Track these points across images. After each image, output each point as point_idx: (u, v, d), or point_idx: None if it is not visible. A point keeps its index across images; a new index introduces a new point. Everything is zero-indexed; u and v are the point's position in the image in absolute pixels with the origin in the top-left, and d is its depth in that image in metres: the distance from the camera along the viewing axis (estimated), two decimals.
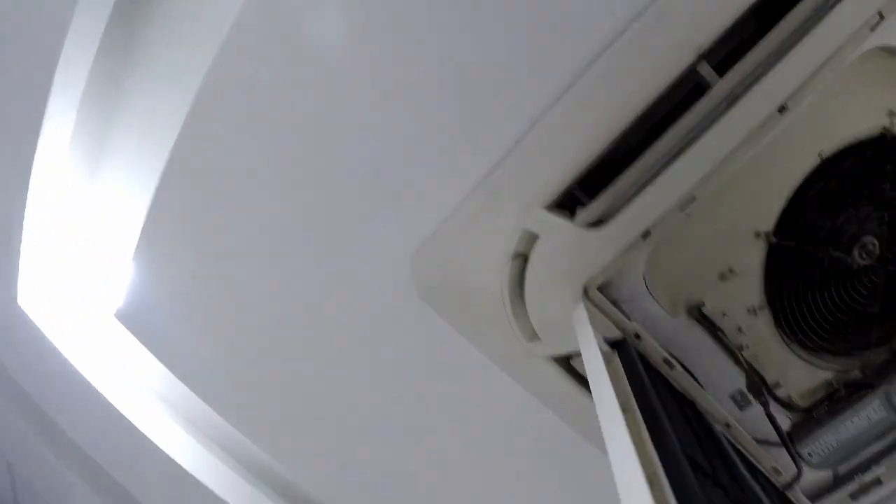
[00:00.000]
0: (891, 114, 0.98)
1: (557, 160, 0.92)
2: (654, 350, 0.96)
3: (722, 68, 0.90)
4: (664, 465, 0.63)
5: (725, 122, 0.88)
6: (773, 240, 0.99)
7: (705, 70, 0.90)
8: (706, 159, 0.88)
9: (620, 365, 0.85)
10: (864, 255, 1.03)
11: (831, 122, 0.97)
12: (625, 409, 0.71)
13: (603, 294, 0.96)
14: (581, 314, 0.93)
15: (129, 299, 1.18)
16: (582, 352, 0.87)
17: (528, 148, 0.93)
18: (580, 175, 0.91)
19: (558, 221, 0.91)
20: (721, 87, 0.88)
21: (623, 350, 0.90)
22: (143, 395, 1.29)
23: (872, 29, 0.90)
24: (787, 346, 1.05)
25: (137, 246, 1.10)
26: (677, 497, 0.58)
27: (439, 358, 1.07)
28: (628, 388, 0.79)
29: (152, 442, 1.23)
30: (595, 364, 0.80)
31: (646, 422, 0.71)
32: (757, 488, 0.85)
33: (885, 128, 0.98)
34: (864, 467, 1.16)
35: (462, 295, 1.00)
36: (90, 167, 1.18)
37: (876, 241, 1.03)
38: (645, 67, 0.89)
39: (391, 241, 1.04)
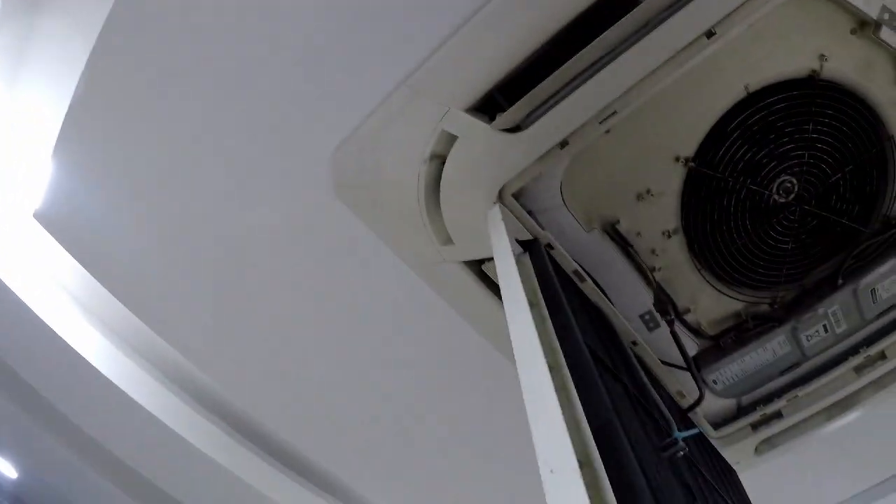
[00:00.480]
0: (821, 57, 0.97)
1: (479, 63, 0.92)
2: (565, 261, 0.99)
3: None
4: (566, 354, 0.66)
5: (650, 40, 0.87)
6: (693, 165, 1.00)
7: None
8: (627, 75, 0.88)
9: (531, 265, 0.88)
10: (782, 193, 1.04)
11: (761, 57, 0.97)
12: (532, 304, 0.73)
13: (519, 202, 0.98)
14: (495, 218, 0.95)
15: (48, 198, 1.17)
16: (494, 253, 0.89)
17: (451, 49, 0.92)
18: (501, 80, 0.91)
19: (476, 123, 0.92)
20: (650, 3, 0.88)
21: (535, 252, 0.92)
22: (58, 295, 1.30)
23: None
24: (699, 272, 1.07)
25: (56, 143, 1.09)
26: (577, 384, 0.61)
27: (354, 257, 1.10)
28: (536, 285, 0.81)
29: (64, 341, 1.25)
30: (506, 263, 0.82)
31: (551, 317, 0.74)
32: (658, 399, 0.89)
33: (813, 70, 0.98)
34: (767, 400, 1.21)
35: (379, 195, 1.01)
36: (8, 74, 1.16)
37: (794, 180, 1.04)
38: None
39: (314, 139, 1.04)
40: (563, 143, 0.92)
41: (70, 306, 1.32)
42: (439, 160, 0.97)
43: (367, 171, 1.01)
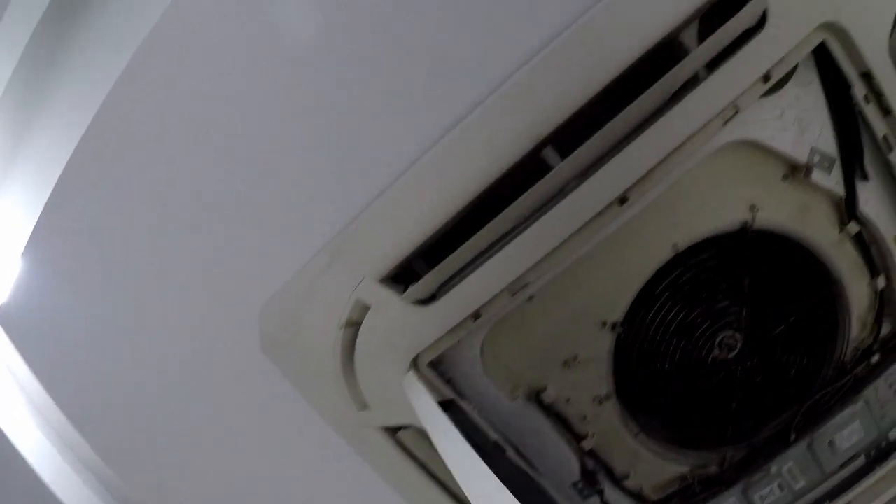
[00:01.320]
0: (752, 208, 0.94)
1: (395, 232, 0.90)
2: (486, 432, 0.94)
3: (567, 152, 0.87)
4: None
5: (560, 210, 0.85)
6: (621, 331, 0.95)
7: (549, 153, 0.87)
8: (537, 246, 0.86)
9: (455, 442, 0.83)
10: (723, 349, 0.99)
11: (689, 214, 0.94)
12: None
13: (437, 370, 0.94)
14: (410, 389, 0.91)
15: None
16: (419, 424, 0.86)
17: (369, 217, 0.91)
18: (415, 250, 0.89)
19: (387, 295, 0.89)
20: (560, 172, 0.86)
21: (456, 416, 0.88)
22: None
23: (726, 122, 0.88)
24: (636, 437, 1.01)
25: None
26: None
27: (282, 412, 1.06)
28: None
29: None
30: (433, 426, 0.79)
31: None
32: None
33: (745, 222, 0.94)
34: None
35: (302, 355, 0.98)
36: None
37: (736, 335, 1.00)
38: (488, 148, 0.87)
39: (247, 292, 1.03)
40: (476, 315, 0.89)
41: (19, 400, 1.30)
42: (355, 327, 0.93)
43: (290, 330, 0.99)
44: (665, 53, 0.87)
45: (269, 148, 0.92)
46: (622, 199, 0.86)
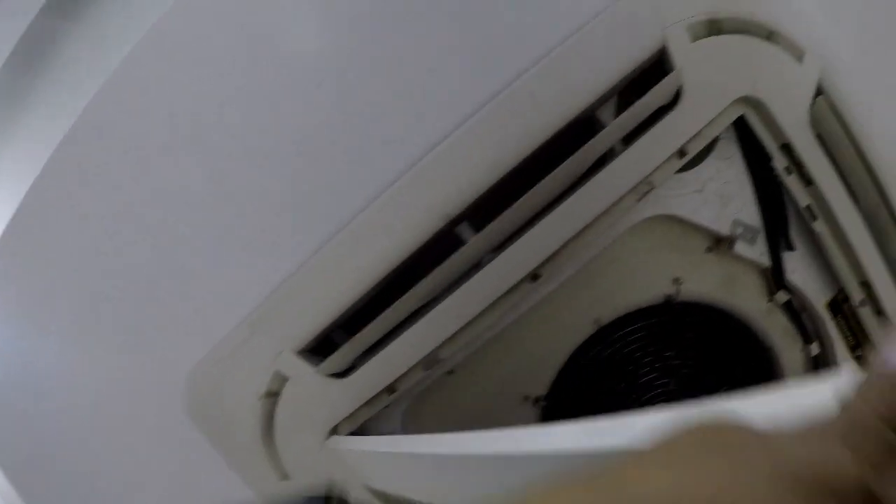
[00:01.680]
0: (676, 281, 0.93)
1: (312, 305, 0.90)
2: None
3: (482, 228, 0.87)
4: None
5: (471, 286, 0.85)
6: (544, 404, 0.94)
7: (463, 228, 0.88)
8: (448, 322, 0.86)
9: None
10: None
11: (610, 290, 0.93)
12: None
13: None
14: (329, 461, 0.91)
15: None
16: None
17: (286, 290, 0.91)
18: (331, 323, 0.90)
19: (304, 367, 0.89)
20: (473, 248, 0.86)
21: None
22: None
23: (641, 198, 0.87)
24: None
25: None
26: None
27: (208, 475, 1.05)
28: None
29: None
30: None
31: None
32: None
33: (668, 295, 0.94)
34: None
35: (225, 422, 0.98)
36: None
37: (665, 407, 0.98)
38: (402, 225, 0.87)
39: (175, 357, 1.03)
40: (391, 389, 0.89)
41: None
42: (275, 398, 0.93)
43: (215, 397, 0.98)
44: (583, 129, 0.87)
45: (193, 224, 0.94)
46: (535, 276, 0.86)
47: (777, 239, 0.94)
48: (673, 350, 0.95)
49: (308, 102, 0.84)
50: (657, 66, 0.85)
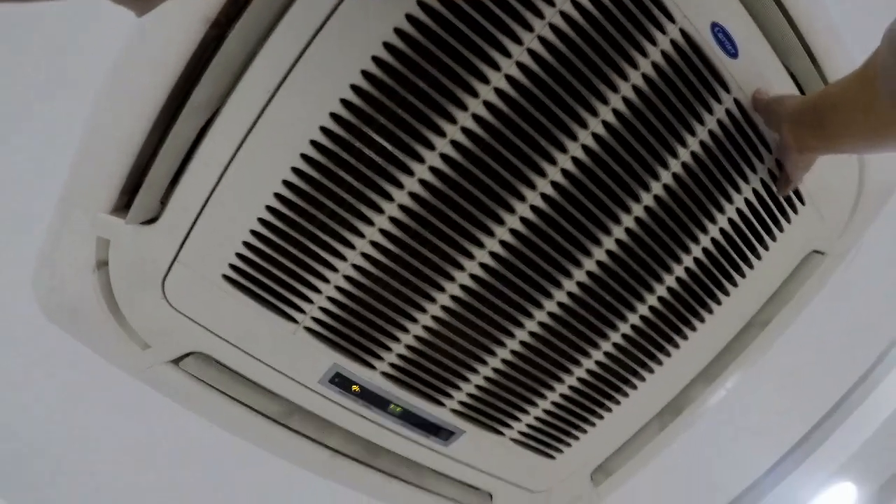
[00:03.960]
0: None
1: (106, 159, 0.86)
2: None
3: None
4: None
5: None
6: None
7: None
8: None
9: None
10: None
11: None
12: None
13: None
14: (172, 317, 0.88)
15: None
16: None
17: (80, 153, 0.88)
18: (129, 170, 0.86)
19: (116, 223, 0.86)
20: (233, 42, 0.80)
21: None
22: None
23: None
24: None
25: None
26: None
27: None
28: None
29: None
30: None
31: None
32: None
33: None
34: None
35: (75, 310, 0.96)
36: None
37: None
38: (161, 43, 0.82)
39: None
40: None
41: None
42: (106, 267, 0.90)
43: (58, 288, 0.96)
44: None
45: None
46: None
47: None
48: None
49: None
50: None
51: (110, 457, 1.16)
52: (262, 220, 0.82)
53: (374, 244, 0.82)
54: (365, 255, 0.83)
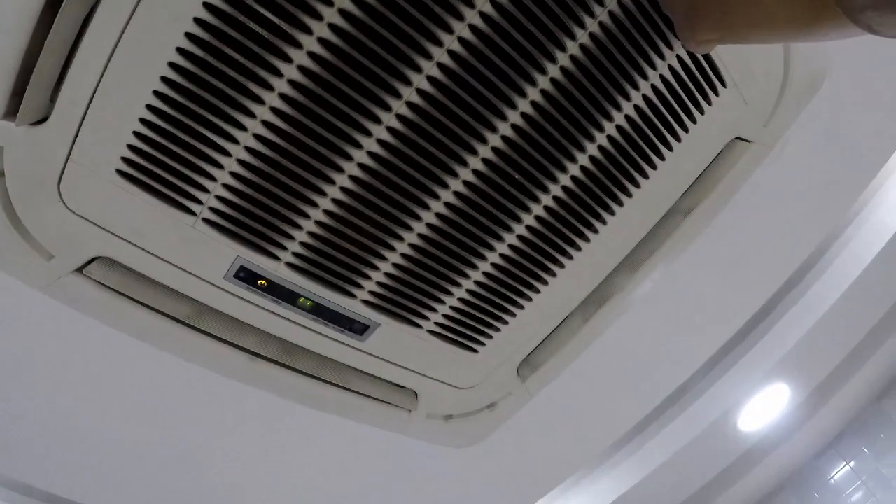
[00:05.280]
0: None
1: None
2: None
3: None
4: None
5: None
6: None
7: None
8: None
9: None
10: None
11: None
12: None
13: None
14: (73, 223, 0.88)
15: None
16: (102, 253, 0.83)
17: None
18: (18, 75, 0.85)
19: (5, 126, 0.85)
20: None
21: None
22: None
23: None
24: None
25: None
26: None
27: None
28: None
29: None
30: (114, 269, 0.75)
31: None
32: None
33: None
34: None
35: None
36: None
37: None
38: None
39: None
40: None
41: None
42: (3, 176, 0.90)
43: None
44: None
45: None
46: None
47: None
48: None
49: None
50: None
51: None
52: (150, 107, 0.83)
53: (266, 123, 0.83)
54: (258, 137, 0.84)
